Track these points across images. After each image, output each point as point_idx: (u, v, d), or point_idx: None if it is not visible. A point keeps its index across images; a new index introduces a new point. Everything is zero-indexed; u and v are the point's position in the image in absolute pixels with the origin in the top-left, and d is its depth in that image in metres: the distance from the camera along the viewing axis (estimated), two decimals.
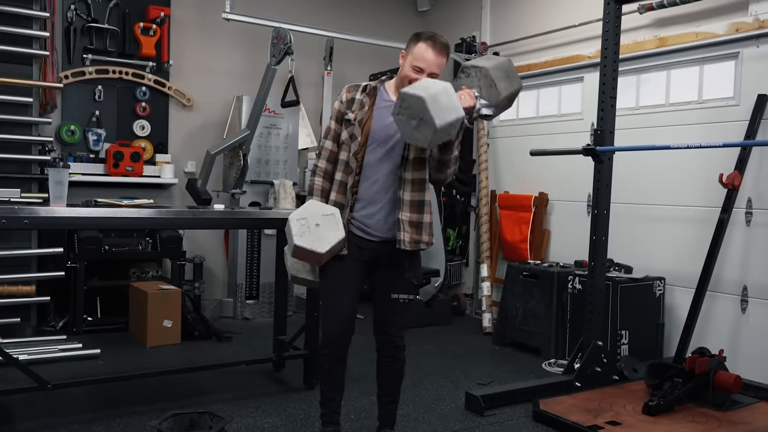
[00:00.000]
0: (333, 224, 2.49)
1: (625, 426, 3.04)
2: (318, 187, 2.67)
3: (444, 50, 2.55)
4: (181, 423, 2.64)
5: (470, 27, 5.96)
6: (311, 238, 2.45)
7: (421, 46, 2.53)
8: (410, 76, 2.54)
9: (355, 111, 2.63)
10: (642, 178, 4.46)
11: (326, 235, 2.46)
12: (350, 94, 2.68)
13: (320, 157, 2.69)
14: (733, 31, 3.98)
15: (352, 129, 2.62)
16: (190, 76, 5.48)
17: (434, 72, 2.54)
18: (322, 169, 2.68)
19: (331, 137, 2.69)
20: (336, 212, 2.53)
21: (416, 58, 2.54)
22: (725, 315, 4.01)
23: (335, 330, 2.64)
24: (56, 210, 2.93)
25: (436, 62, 2.53)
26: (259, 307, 5.44)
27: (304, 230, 2.45)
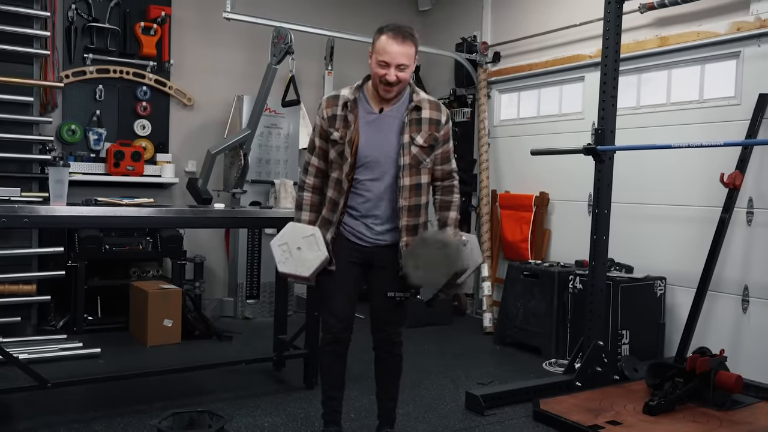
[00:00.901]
0: (314, 245, 2.48)
1: (626, 426, 3.03)
2: (308, 202, 2.64)
3: (408, 39, 2.44)
4: (180, 422, 2.63)
5: (471, 27, 5.95)
6: (294, 263, 2.46)
7: (382, 40, 2.45)
8: (378, 73, 2.47)
9: (339, 129, 2.55)
10: (643, 177, 4.45)
11: (309, 257, 2.46)
12: (331, 110, 2.59)
13: (307, 173, 2.66)
14: (735, 30, 3.97)
15: (341, 148, 2.55)
16: (191, 75, 5.48)
17: (402, 63, 2.43)
18: (311, 185, 2.65)
19: (317, 154, 2.64)
20: (316, 231, 2.51)
21: (379, 53, 2.45)
22: (726, 315, 4.00)
23: (335, 329, 2.63)
24: (56, 209, 2.94)
25: (400, 52, 2.42)
26: (259, 307, 5.44)
27: (286, 256, 2.47)
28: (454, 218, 2.66)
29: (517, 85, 5.60)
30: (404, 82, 2.51)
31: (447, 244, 2.45)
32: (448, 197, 2.67)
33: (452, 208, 2.66)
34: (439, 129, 2.58)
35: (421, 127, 2.55)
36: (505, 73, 5.63)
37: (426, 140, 2.55)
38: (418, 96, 2.58)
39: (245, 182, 5.20)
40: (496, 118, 5.78)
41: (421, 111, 2.55)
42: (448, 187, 2.68)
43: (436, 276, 2.43)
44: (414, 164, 2.55)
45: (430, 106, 2.58)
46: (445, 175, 2.67)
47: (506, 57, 5.67)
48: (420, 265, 2.42)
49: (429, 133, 2.56)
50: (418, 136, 2.54)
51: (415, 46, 2.48)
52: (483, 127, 5.68)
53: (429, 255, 2.42)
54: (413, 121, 2.54)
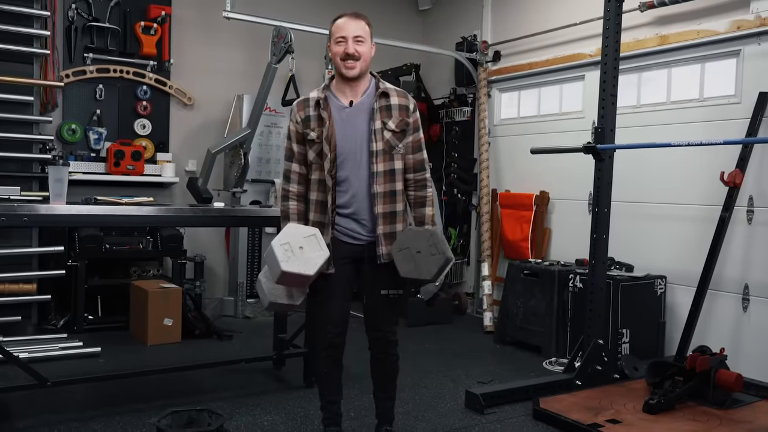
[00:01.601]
0: (315, 244, 2.49)
1: (626, 424, 3.03)
2: (294, 211, 2.65)
3: (361, 17, 2.59)
4: (179, 420, 2.63)
5: (471, 26, 5.95)
6: (298, 262, 2.44)
7: (337, 23, 2.60)
8: (338, 52, 2.57)
9: (315, 128, 2.59)
10: (643, 176, 4.45)
11: (311, 256, 2.46)
12: (303, 113, 2.63)
13: (290, 181, 2.67)
14: (735, 28, 3.97)
15: (319, 147, 2.58)
16: (191, 74, 5.48)
17: (358, 35, 2.55)
18: (295, 193, 2.66)
19: (297, 160, 2.66)
20: (316, 232, 2.53)
21: (335, 32, 2.59)
22: (726, 313, 4.00)
23: (330, 334, 2.63)
24: (56, 207, 2.94)
25: (353, 26, 2.56)
26: (259, 306, 5.44)
27: (288, 255, 2.44)
28: (431, 215, 2.67)
29: (518, 84, 5.59)
30: (365, 59, 2.59)
31: (432, 233, 2.48)
32: (422, 192, 2.68)
33: (427, 204, 2.68)
34: (409, 115, 2.64)
35: (392, 113, 2.60)
36: (505, 72, 5.62)
37: (398, 125, 2.60)
38: (384, 85, 2.65)
39: (245, 181, 5.21)
40: (496, 117, 5.77)
41: (389, 98, 2.62)
42: (421, 181, 2.68)
43: (429, 267, 2.44)
44: (387, 149, 2.58)
45: (398, 94, 2.66)
46: (417, 164, 2.67)
47: (506, 56, 5.66)
48: (411, 259, 2.44)
49: (400, 118, 2.61)
50: (389, 121, 2.59)
51: (368, 25, 2.61)
52: (483, 126, 5.67)
53: (418, 247, 2.45)
54: (383, 107, 2.60)
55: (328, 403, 2.74)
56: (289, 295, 2.61)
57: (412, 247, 2.46)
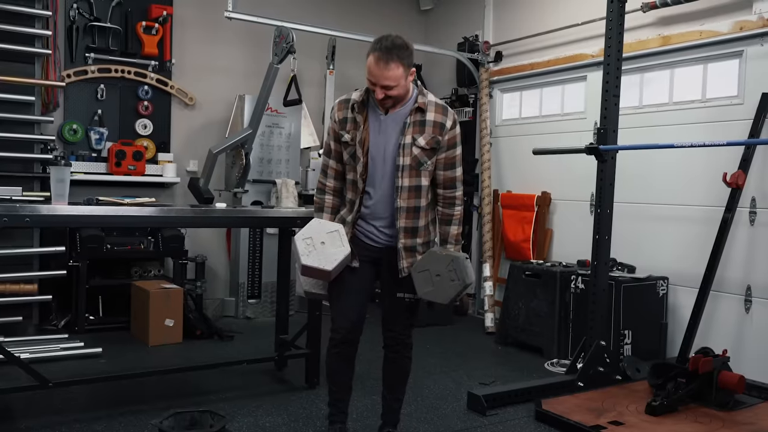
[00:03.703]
0: (337, 240, 2.53)
1: (628, 426, 3.03)
2: (329, 204, 2.69)
3: (393, 60, 2.42)
4: (182, 421, 2.63)
5: (473, 26, 5.94)
6: (318, 257, 2.49)
7: (370, 60, 2.46)
8: (370, 88, 2.52)
9: (350, 131, 2.59)
10: (645, 177, 4.44)
11: (332, 251, 2.51)
12: (341, 113, 2.63)
13: (327, 176, 2.70)
14: (738, 29, 3.96)
15: (352, 149, 2.59)
16: (193, 74, 5.48)
17: (388, 84, 2.44)
18: (331, 187, 2.69)
19: (334, 157, 2.68)
20: (340, 228, 2.56)
21: (367, 71, 2.48)
22: (729, 315, 3.99)
23: (345, 329, 2.63)
24: (57, 208, 2.93)
25: (384, 75, 2.43)
26: (260, 307, 5.44)
27: (310, 249, 2.50)
28: (455, 234, 2.64)
29: (519, 85, 5.59)
30: (397, 97, 2.52)
31: (454, 259, 2.47)
32: (449, 210, 2.64)
33: (453, 223, 2.64)
34: (443, 133, 2.56)
35: (425, 128, 2.54)
36: (507, 73, 5.62)
37: (428, 142, 2.54)
38: (423, 98, 2.57)
39: (247, 182, 5.19)
40: (498, 117, 5.77)
41: (425, 113, 2.55)
42: (450, 199, 2.64)
43: (446, 291, 2.46)
44: (414, 165, 2.55)
45: (436, 109, 2.57)
46: (447, 182, 2.62)
47: (508, 56, 5.66)
48: (430, 281, 2.46)
49: (432, 135, 2.54)
50: (420, 137, 2.53)
51: (402, 65, 2.45)
52: (485, 127, 5.67)
53: (438, 271, 2.45)
54: (416, 122, 2.54)
55: (336, 401, 2.74)
56: (323, 286, 2.67)
57: (432, 269, 2.47)
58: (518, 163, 5.50)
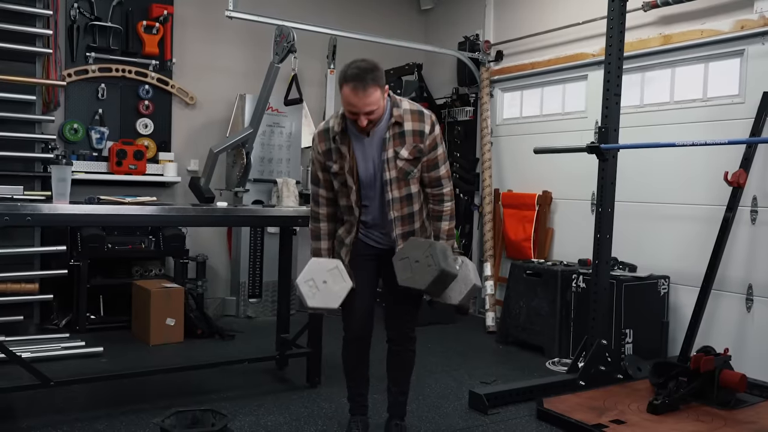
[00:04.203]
0: (338, 277, 2.58)
1: (630, 425, 3.03)
2: (325, 231, 2.73)
3: (369, 85, 2.42)
4: (183, 420, 2.62)
5: (474, 25, 5.94)
6: (323, 297, 2.56)
7: (345, 91, 2.45)
8: (349, 116, 2.51)
9: (336, 161, 2.60)
10: (646, 176, 4.44)
11: (335, 290, 2.57)
12: (324, 145, 2.63)
13: (319, 204, 2.72)
14: (739, 28, 3.96)
15: (342, 178, 2.62)
16: (193, 74, 5.47)
17: (370, 110, 2.45)
18: (325, 214, 2.73)
19: (323, 185, 2.70)
20: (339, 264, 2.61)
21: (345, 102, 2.48)
22: (730, 314, 3.99)
23: (357, 328, 2.69)
24: (59, 207, 2.92)
25: (364, 102, 2.43)
26: (261, 306, 5.44)
27: (314, 291, 2.56)
28: (446, 229, 2.67)
29: (520, 84, 5.58)
30: (378, 118, 2.52)
31: (432, 245, 2.50)
32: (439, 207, 2.68)
33: (443, 218, 2.67)
34: (424, 139, 2.57)
35: (405, 139, 2.55)
36: (507, 72, 5.62)
37: (411, 152, 2.56)
38: (398, 110, 2.56)
39: (248, 181, 5.19)
40: (498, 116, 5.77)
41: (402, 125, 2.56)
42: (438, 196, 2.67)
43: (423, 277, 2.47)
44: (401, 177, 2.58)
45: (412, 117, 2.56)
46: (432, 182, 2.65)
47: (509, 56, 5.65)
48: (409, 267, 2.49)
49: (414, 145, 2.56)
50: (402, 149, 2.55)
51: (378, 87, 2.45)
52: (485, 126, 5.66)
53: (416, 257, 2.48)
54: (395, 135, 2.56)
55: (355, 395, 2.82)
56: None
57: (411, 256, 2.50)
58: (519, 163, 5.50)
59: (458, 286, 2.60)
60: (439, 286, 2.51)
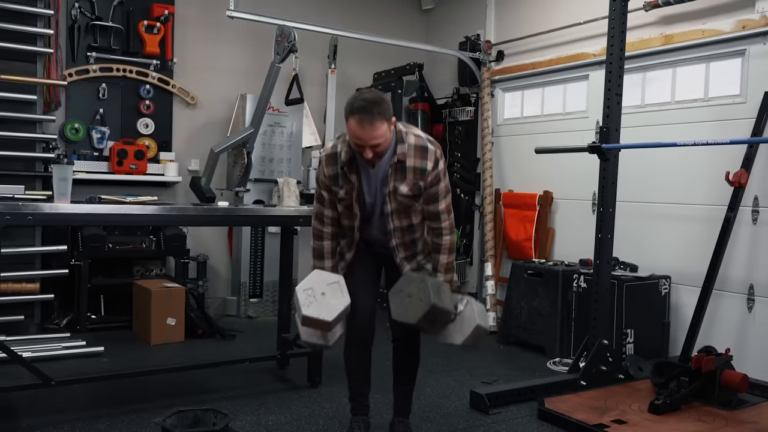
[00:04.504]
0: (338, 291, 2.56)
1: (631, 425, 3.02)
2: (328, 249, 2.73)
3: (376, 119, 2.40)
4: (185, 420, 2.62)
5: (475, 25, 5.94)
6: (318, 307, 2.52)
7: (351, 123, 2.43)
8: (355, 148, 2.50)
9: (343, 186, 2.61)
10: (648, 176, 4.44)
11: (332, 302, 2.54)
12: (330, 169, 2.62)
13: (323, 223, 2.72)
14: (740, 28, 3.96)
15: (347, 203, 2.63)
16: (194, 74, 5.48)
17: (376, 144, 2.43)
18: (329, 233, 2.72)
19: (328, 205, 2.70)
20: (340, 279, 2.59)
21: (351, 135, 2.46)
22: (732, 314, 3.98)
23: (359, 327, 2.68)
24: (60, 206, 2.93)
25: (369, 137, 2.41)
26: (262, 306, 5.44)
27: (311, 300, 2.53)
28: (445, 263, 2.65)
29: (521, 84, 5.58)
30: (383, 150, 2.51)
31: (424, 279, 2.48)
32: (438, 240, 2.66)
33: (442, 251, 2.65)
34: (425, 176, 2.55)
35: (405, 175, 2.55)
36: (508, 72, 5.61)
37: (411, 188, 2.56)
38: (402, 146, 2.54)
39: (248, 181, 5.19)
40: (499, 116, 5.76)
41: (405, 161, 2.55)
42: (436, 230, 2.65)
43: (414, 311, 2.44)
44: (402, 209, 2.60)
45: (415, 154, 2.54)
46: (430, 215, 2.64)
47: (510, 55, 5.65)
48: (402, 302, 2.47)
49: (414, 182, 2.56)
50: (402, 185, 2.56)
51: (385, 120, 2.43)
52: (486, 126, 5.66)
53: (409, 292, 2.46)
54: (397, 170, 2.56)
55: (357, 395, 2.81)
56: (322, 337, 2.66)
57: (405, 291, 2.48)
58: (520, 163, 5.50)
59: (461, 326, 2.56)
60: (431, 321, 2.47)
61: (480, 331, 2.58)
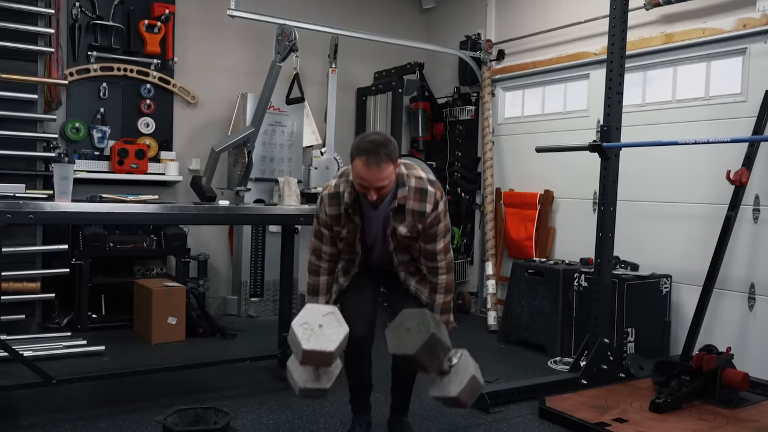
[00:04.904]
0: (334, 322, 2.52)
1: (632, 423, 3.02)
2: (324, 285, 2.73)
3: (382, 161, 2.40)
4: (185, 418, 2.62)
5: (475, 24, 5.94)
6: (318, 340, 2.47)
7: (357, 164, 2.43)
8: (359, 189, 2.49)
9: (345, 225, 2.61)
10: (648, 175, 4.44)
11: (331, 333, 2.49)
12: (333, 209, 2.61)
13: (321, 259, 2.71)
14: (741, 26, 3.96)
15: (350, 239, 2.63)
16: (195, 73, 5.47)
17: (381, 185, 2.44)
18: (326, 268, 2.73)
19: (328, 242, 2.69)
20: (335, 310, 2.56)
21: (356, 175, 2.46)
22: (732, 312, 3.98)
23: (358, 334, 2.63)
24: (61, 205, 2.92)
25: (375, 178, 2.42)
26: (263, 305, 5.44)
27: (309, 334, 2.47)
28: (441, 303, 2.66)
29: (522, 83, 5.58)
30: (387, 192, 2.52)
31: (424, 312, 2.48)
32: (434, 279, 2.67)
33: (438, 291, 2.66)
34: (424, 219, 2.56)
35: (405, 217, 2.57)
36: (509, 71, 5.61)
37: (409, 230, 2.58)
38: (403, 190, 2.54)
39: (249, 180, 5.19)
40: (500, 116, 5.76)
41: (404, 204, 2.56)
42: (433, 269, 2.66)
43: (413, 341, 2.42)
44: (402, 248, 2.64)
45: (415, 197, 2.56)
46: (427, 254, 2.64)
47: (510, 55, 5.65)
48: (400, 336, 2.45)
49: (412, 224, 2.57)
50: (401, 226, 2.57)
51: (392, 162, 2.44)
52: (487, 125, 5.66)
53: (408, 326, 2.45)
54: (397, 212, 2.57)
55: (358, 396, 2.82)
56: (317, 378, 2.60)
57: (403, 325, 2.47)
58: (521, 162, 5.50)
59: (456, 377, 2.54)
60: (430, 354, 2.44)
61: (475, 383, 2.54)
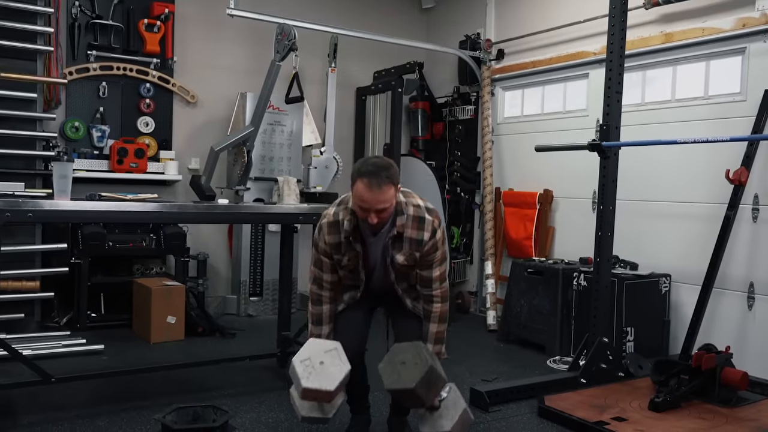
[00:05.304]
0: (336, 359, 2.48)
1: (631, 422, 3.02)
2: (327, 314, 2.70)
3: (384, 183, 2.39)
4: (184, 417, 2.63)
5: (475, 24, 5.94)
6: (318, 378, 2.42)
7: (358, 186, 2.42)
8: (359, 213, 2.47)
9: (346, 253, 2.59)
10: (648, 174, 4.44)
11: (332, 371, 2.45)
12: (333, 238, 2.59)
13: (322, 288, 2.69)
14: (740, 26, 3.96)
15: (352, 266, 2.62)
16: (195, 72, 5.47)
17: (382, 208, 2.42)
18: (328, 297, 2.70)
19: (329, 270, 2.67)
20: (338, 346, 2.52)
21: (357, 198, 2.44)
22: (732, 312, 3.99)
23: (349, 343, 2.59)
24: (60, 203, 2.92)
25: (377, 200, 2.40)
26: (262, 304, 5.44)
27: (309, 371, 2.43)
28: (435, 332, 2.64)
29: (521, 83, 5.58)
30: (388, 217, 2.51)
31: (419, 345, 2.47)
32: (428, 306, 2.65)
33: (432, 319, 2.63)
34: (421, 247, 2.55)
35: (402, 245, 2.57)
36: (508, 71, 5.61)
37: (406, 258, 2.57)
38: (401, 218, 2.53)
39: (248, 179, 5.20)
40: (499, 115, 5.77)
41: (402, 232, 2.55)
42: (428, 296, 2.64)
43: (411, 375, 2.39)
44: (401, 275, 2.64)
45: (413, 225, 2.54)
46: (423, 281, 2.63)
47: (510, 54, 5.65)
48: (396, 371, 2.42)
49: (409, 252, 2.57)
50: (398, 254, 2.57)
51: (393, 185, 2.44)
52: (487, 125, 5.66)
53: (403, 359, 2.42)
54: (395, 240, 2.57)
55: (356, 397, 2.82)
56: (319, 409, 2.58)
57: (397, 359, 2.43)
58: (520, 161, 5.50)
59: (448, 412, 2.50)
60: (428, 387, 2.41)
61: (466, 416, 2.51)
